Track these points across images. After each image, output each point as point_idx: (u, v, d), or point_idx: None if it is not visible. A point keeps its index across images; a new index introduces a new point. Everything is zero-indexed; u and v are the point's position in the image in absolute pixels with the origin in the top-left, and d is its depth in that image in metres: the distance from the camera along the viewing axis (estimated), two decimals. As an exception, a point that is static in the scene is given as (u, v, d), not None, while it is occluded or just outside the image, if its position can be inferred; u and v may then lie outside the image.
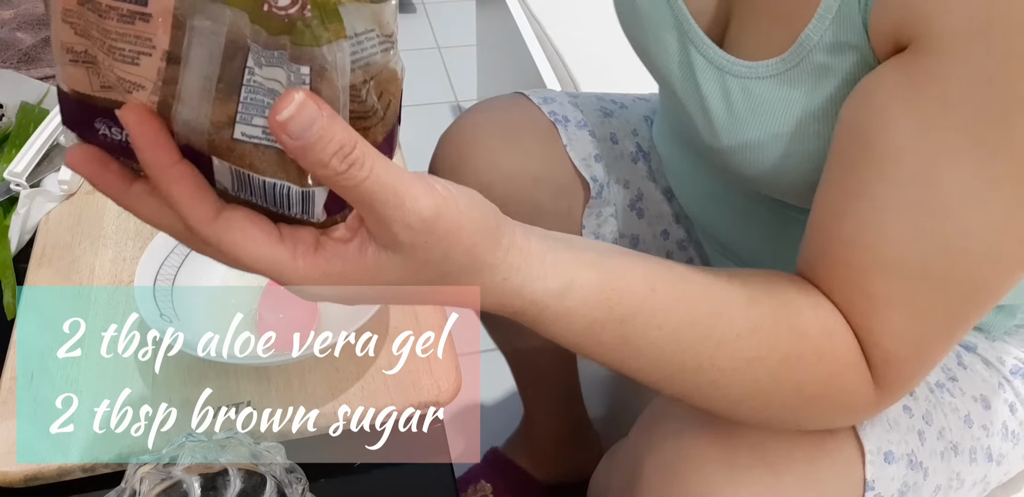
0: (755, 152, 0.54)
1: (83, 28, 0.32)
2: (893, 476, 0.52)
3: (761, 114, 0.52)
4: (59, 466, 0.54)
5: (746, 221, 0.66)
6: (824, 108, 0.49)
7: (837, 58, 0.47)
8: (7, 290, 0.69)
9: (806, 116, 0.50)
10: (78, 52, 0.33)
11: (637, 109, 0.81)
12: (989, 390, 0.60)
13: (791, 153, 0.52)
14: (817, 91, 0.49)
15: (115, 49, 0.32)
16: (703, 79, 0.56)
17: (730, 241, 0.70)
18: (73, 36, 0.32)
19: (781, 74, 0.51)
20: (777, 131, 0.52)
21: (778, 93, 0.51)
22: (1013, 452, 0.61)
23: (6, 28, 0.96)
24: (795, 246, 0.50)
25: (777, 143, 0.52)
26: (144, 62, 0.32)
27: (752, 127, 0.53)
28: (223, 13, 0.30)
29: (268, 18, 0.30)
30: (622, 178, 0.76)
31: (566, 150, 0.74)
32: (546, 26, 1.24)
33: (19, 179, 0.74)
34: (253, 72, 0.32)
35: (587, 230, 0.76)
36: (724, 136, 0.55)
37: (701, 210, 0.71)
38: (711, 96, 0.55)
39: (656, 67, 0.61)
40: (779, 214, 0.61)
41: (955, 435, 0.57)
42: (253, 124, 0.32)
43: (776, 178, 0.55)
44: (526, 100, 0.77)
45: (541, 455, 1.02)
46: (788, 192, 0.56)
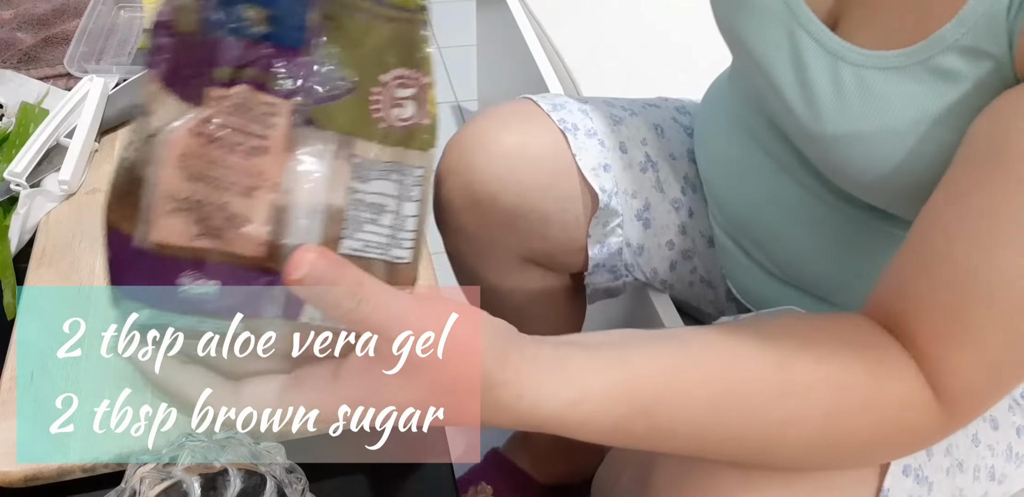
0: (862, 144, 0.52)
1: (197, 171, 0.33)
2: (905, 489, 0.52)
3: (874, 106, 0.50)
4: (59, 466, 0.54)
5: (804, 224, 0.64)
6: (945, 111, 0.47)
7: (970, 63, 0.45)
8: (7, 290, 0.69)
9: (923, 116, 0.48)
10: (181, 200, 0.33)
11: (647, 117, 0.80)
12: (999, 411, 0.60)
13: (900, 152, 0.50)
14: (940, 93, 0.47)
15: (233, 185, 0.33)
16: (812, 64, 0.54)
17: (775, 248, 0.68)
18: (182, 182, 0.33)
19: (902, 68, 0.49)
20: (889, 126, 0.50)
21: (896, 88, 0.49)
22: (1016, 473, 0.61)
23: (6, 28, 0.96)
24: (846, 251, 0.49)
25: (887, 139, 0.50)
26: (258, 195, 0.33)
27: (862, 117, 0.51)
28: (329, 139, 0.34)
29: (385, 133, 0.35)
30: (630, 188, 0.76)
31: (575, 159, 0.73)
32: (546, 26, 1.24)
33: (19, 179, 0.74)
34: (356, 190, 0.35)
35: (593, 239, 0.76)
36: (830, 123, 0.53)
37: (748, 212, 0.69)
38: (819, 81, 0.53)
39: (748, 49, 0.59)
40: (846, 217, 0.61)
41: (961, 453, 0.57)
42: (355, 238, 0.36)
43: (878, 176, 0.52)
44: (535, 107, 0.76)
45: (541, 456, 1.02)
46: (885, 194, 0.54)
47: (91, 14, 0.95)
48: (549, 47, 1.20)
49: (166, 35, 0.33)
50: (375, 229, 0.36)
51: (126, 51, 0.94)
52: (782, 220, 0.66)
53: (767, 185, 0.67)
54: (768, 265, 0.70)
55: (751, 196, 0.69)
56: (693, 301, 0.85)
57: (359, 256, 0.36)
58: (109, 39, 0.95)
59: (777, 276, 0.70)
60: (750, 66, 0.61)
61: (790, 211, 0.65)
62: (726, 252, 0.75)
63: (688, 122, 0.82)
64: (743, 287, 0.76)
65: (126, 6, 1.00)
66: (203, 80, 0.33)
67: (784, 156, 0.64)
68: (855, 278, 0.63)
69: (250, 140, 0.33)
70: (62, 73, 0.90)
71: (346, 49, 0.34)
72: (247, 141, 0.33)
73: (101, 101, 0.80)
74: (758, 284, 0.73)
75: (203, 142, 0.33)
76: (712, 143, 0.73)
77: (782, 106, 0.57)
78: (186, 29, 0.33)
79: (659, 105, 0.83)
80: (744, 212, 0.70)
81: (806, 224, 0.64)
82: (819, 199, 0.62)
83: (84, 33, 0.93)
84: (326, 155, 0.34)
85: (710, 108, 0.76)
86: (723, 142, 0.71)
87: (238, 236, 0.34)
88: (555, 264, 0.81)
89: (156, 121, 0.33)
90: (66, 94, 0.83)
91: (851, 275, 0.63)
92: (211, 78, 0.33)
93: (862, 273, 0.62)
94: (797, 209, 0.64)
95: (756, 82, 0.61)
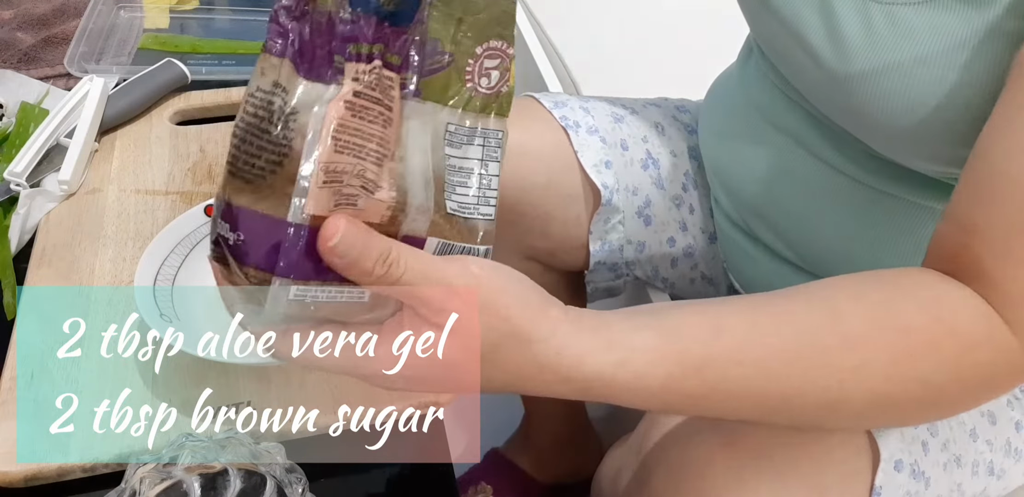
0: (891, 78, 0.51)
1: (347, 142, 0.35)
2: (899, 484, 0.52)
3: (904, 37, 0.50)
4: (59, 466, 0.54)
5: (821, 198, 0.64)
6: (974, 38, 0.47)
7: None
8: (7, 290, 0.69)
9: (953, 44, 0.48)
10: (331, 172, 0.35)
11: (648, 115, 0.80)
12: (997, 406, 0.60)
13: (930, 83, 0.50)
14: (970, 20, 0.47)
15: (371, 153, 0.36)
16: (841, 8, 0.54)
17: (789, 227, 0.68)
18: (334, 154, 0.35)
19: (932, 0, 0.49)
20: (919, 55, 0.50)
21: (926, 19, 0.49)
22: (1014, 468, 0.61)
23: (6, 28, 0.96)
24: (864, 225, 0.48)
25: (917, 69, 0.50)
26: (385, 163, 0.36)
27: (892, 50, 0.51)
28: (429, 110, 0.38)
29: (472, 101, 0.39)
30: (631, 185, 0.76)
31: (577, 156, 0.73)
32: (546, 26, 1.24)
33: (19, 179, 0.74)
34: (450, 156, 0.39)
35: (594, 236, 0.76)
36: (858, 61, 0.53)
37: (761, 192, 0.69)
38: (847, 23, 0.53)
39: (773, 8, 0.59)
40: (864, 188, 0.60)
41: (959, 448, 0.57)
42: (453, 200, 0.39)
43: (904, 114, 0.52)
44: (536, 104, 0.76)
45: (541, 456, 1.02)
46: (910, 140, 0.53)
47: (91, 14, 0.95)
48: (549, 47, 1.21)
49: (291, 18, 0.35)
50: (465, 190, 0.39)
51: (126, 51, 0.94)
52: (798, 196, 0.66)
53: (782, 162, 0.66)
54: (780, 249, 0.69)
55: (766, 175, 0.68)
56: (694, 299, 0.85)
57: (457, 216, 0.39)
58: (109, 39, 0.95)
59: (788, 261, 0.70)
60: (772, 24, 0.60)
61: (807, 186, 0.64)
62: (731, 243, 0.75)
63: (688, 120, 0.82)
64: (748, 279, 0.76)
65: (126, 6, 1.00)
66: (338, 57, 0.36)
67: (801, 130, 0.64)
68: (872, 255, 0.62)
69: (384, 112, 0.36)
70: (62, 73, 0.91)
71: (447, 24, 0.37)
72: (383, 113, 0.36)
73: (101, 101, 0.80)
74: (765, 274, 0.72)
75: (351, 114, 0.35)
76: (722, 128, 0.73)
77: (807, 56, 0.57)
78: (326, 7, 0.35)
79: (659, 104, 0.83)
80: (757, 193, 0.69)
81: (823, 198, 0.64)
82: (837, 170, 0.62)
83: (84, 33, 0.93)
84: (427, 125, 0.38)
85: (717, 98, 0.76)
86: (735, 125, 0.71)
87: (370, 203, 0.36)
88: (556, 262, 0.81)
89: (292, 100, 0.35)
90: (66, 94, 0.83)
91: (869, 251, 0.62)
92: (350, 54, 0.36)
93: (880, 248, 0.61)
94: (814, 183, 0.64)
95: (776, 44, 0.61)
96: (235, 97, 0.88)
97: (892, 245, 0.61)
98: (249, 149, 0.35)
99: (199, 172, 0.78)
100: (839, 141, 0.61)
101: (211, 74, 0.91)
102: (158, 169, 0.78)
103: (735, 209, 0.73)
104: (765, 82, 0.67)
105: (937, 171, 0.55)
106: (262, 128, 0.35)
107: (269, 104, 0.35)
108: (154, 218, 0.73)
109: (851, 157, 0.61)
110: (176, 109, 0.86)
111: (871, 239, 0.62)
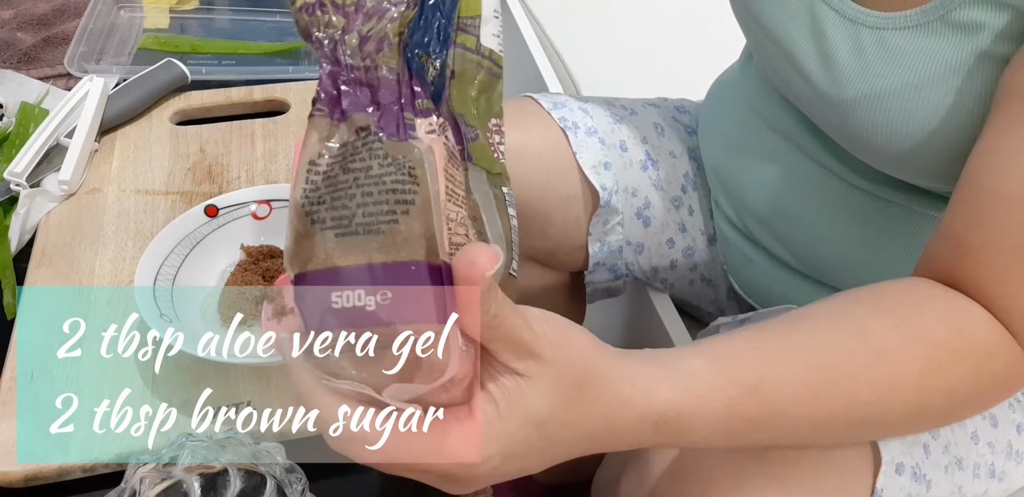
0: (884, 103, 0.52)
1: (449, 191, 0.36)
2: (901, 487, 0.52)
3: (894, 62, 0.51)
4: (59, 466, 0.54)
5: (822, 204, 0.64)
6: (967, 63, 0.48)
7: (989, 14, 0.47)
8: (7, 290, 0.69)
9: (946, 69, 0.49)
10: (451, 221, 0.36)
11: (647, 116, 0.80)
12: (998, 409, 0.60)
13: (922, 107, 0.51)
14: (960, 45, 0.48)
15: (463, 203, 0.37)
16: (832, 32, 0.55)
17: (790, 232, 0.68)
18: (453, 207, 0.36)
19: (922, 25, 0.50)
20: (910, 80, 0.51)
21: (917, 43, 0.50)
22: (1016, 471, 0.61)
23: (6, 28, 0.96)
24: (865, 231, 0.49)
25: (909, 94, 0.51)
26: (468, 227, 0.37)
27: (883, 75, 0.52)
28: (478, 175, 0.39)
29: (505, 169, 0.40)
30: (630, 186, 0.76)
31: (576, 157, 0.73)
32: (546, 26, 1.24)
33: (19, 179, 0.74)
34: (513, 217, 0.40)
35: (593, 237, 0.76)
36: (850, 86, 0.54)
37: (763, 196, 0.69)
38: (839, 48, 0.54)
39: (767, 27, 0.60)
40: (865, 194, 0.61)
41: (960, 450, 0.57)
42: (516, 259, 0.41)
43: (900, 138, 0.53)
44: (535, 105, 0.76)
45: (541, 455, 1.02)
46: (906, 160, 0.54)
47: (91, 14, 0.95)
48: (549, 47, 1.21)
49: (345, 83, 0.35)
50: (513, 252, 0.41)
51: (126, 51, 0.94)
52: (800, 201, 0.66)
53: (784, 167, 0.67)
54: (780, 253, 0.69)
55: (767, 180, 0.69)
56: (693, 300, 0.85)
57: (513, 276, 0.40)
58: (109, 39, 0.95)
59: (788, 265, 0.70)
60: (767, 43, 0.61)
61: (808, 191, 0.65)
62: (731, 246, 0.75)
63: (688, 121, 0.82)
64: (747, 282, 0.76)
65: (126, 6, 1.00)
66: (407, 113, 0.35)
67: (802, 137, 0.64)
68: (872, 261, 0.63)
69: (460, 164, 0.37)
70: (62, 73, 0.91)
71: (464, 101, 0.38)
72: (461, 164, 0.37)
73: (101, 101, 0.81)
74: (764, 277, 0.72)
75: (448, 161, 0.36)
76: (723, 131, 0.73)
77: (801, 78, 0.58)
78: (387, 62, 0.35)
79: (659, 105, 0.83)
80: (759, 197, 0.69)
81: (824, 204, 0.64)
82: (838, 177, 0.62)
83: (84, 33, 0.93)
84: (481, 185, 0.39)
85: (717, 100, 0.76)
86: (736, 129, 0.71)
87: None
88: (555, 262, 0.81)
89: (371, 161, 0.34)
90: (66, 94, 0.83)
91: (869, 257, 0.63)
92: (418, 109, 0.36)
93: (880, 255, 0.62)
94: (815, 189, 0.64)
95: (772, 61, 0.61)
96: (235, 97, 0.88)
97: (892, 251, 0.61)
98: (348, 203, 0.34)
99: (199, 172, 0.78)
100: (839, 148, 0.61)
101: (211, 74, 0.91)
102: (158, 169, 0.78)
103: (735, 212, 0.73)
104: (765, 87, 0.67)
105: (935, 186, 0.56)
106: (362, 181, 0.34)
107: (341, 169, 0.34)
108: (154, 218, 0.73)
109: (851, 164, 0.61)
110: (176, 109, 0.86)
111: (871, 245, 0.62)
